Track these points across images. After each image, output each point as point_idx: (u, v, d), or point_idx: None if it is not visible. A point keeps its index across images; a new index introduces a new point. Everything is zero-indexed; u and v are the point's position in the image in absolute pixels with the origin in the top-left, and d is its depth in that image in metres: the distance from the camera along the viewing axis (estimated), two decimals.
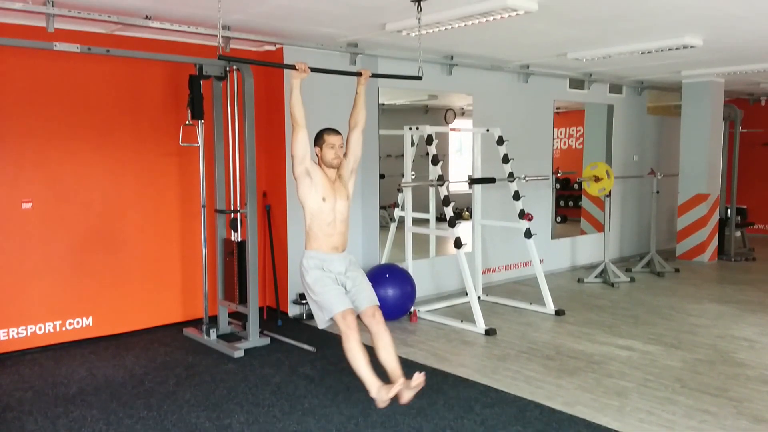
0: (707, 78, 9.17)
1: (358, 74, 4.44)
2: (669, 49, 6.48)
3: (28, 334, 5.42)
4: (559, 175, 8.91)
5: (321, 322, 4.08)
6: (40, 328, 5.47)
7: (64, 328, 5.58)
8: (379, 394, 3.73)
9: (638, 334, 5.87)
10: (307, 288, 4.09)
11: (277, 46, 6.25)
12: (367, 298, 4.08)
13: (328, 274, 4.05)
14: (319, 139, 4.14)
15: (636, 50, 6.61)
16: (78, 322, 5.65)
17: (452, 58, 7.23)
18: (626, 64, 7.91)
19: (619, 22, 5.56)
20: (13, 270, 5.33)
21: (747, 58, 7.67)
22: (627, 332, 5.93)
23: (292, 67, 4.00)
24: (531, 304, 6.84)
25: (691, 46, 6.31)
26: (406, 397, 3.75)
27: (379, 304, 4.13)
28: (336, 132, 4.14)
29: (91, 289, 5.69)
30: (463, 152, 10.37)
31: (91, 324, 5.71)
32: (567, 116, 10.56)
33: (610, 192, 8.21)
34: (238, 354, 5.30)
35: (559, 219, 10.32)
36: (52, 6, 4.72)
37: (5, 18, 5.00)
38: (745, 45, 6.71)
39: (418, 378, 3.75)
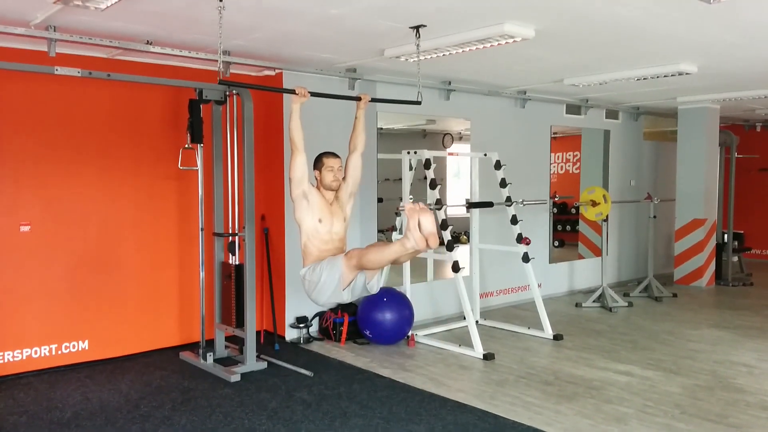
0: (703, 104, 9.24)
1: (358, 99, 4.48)
2: (664, 76, 6.53)
3: (24, 357, 5.39)
4: (556, 199, 8.95)
5: (345, 293, 3.94)
6: (35, 352, 5.44)
7: (59, 352, 5.55)
8: (413, 240, 3.50)
9: (637, 359, 5.85)
10: (314, 287, 3.99)
11: (277, 70, 6.30)
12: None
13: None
14: (318, 163, 4.19)
15: (632, 77, 6.67)
16: (74, 346, 5.62)
17: (450, 83, 7.29)
18: (622, 90, 7.97)
19: (615, 48, 5.62)
20: (10, 293, 5.31)
21: (742, 85, 7.73)
22: (625, 357, 5.91)
23: (292, 92, 4.04)
24: (529, 328, 6.82)
25: (687, 73, 6.36)
26: (427, 223, 3.48)
27: None
28: (335, 155, 4.20)
29: (87, 313, 5.67)
30: (461, 176, 10.43)
31: (87, 348, 5.68)
32: (564, 141, 10.63)
33: (607, 216, 8.22)
34: (235, 378, 5.27)
35: (556, 243, 10.33)
36: (54, 31, 4.76)
37: (7, 42, 5.04)
38: (740, 72, 6.77)
39: (419, 206, 3.54)
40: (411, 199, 3.56)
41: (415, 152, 6.60)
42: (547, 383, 5.20)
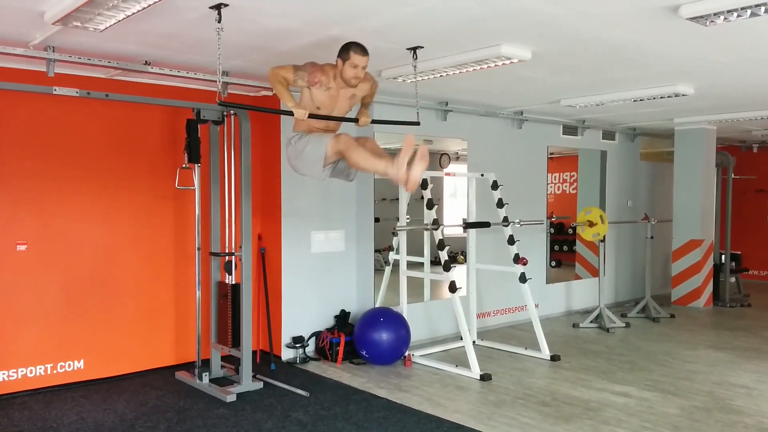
0: (699, 125, 9.29)
1: (356, 120, 4.52)
2: (661, 97, 6.57)
3: (19, 377, 5.36)
4: (553, 219, 8.96)
5: (324, 171, 3.96)
6: (31, 371, 5.41)
7: (55, 371, 5.52)
8: (396, 171, 3.56)
9: (634, 380, 5.83)
10: (297, 154, 4.04)
11: (274, 91, 6.32)
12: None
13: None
14: (345, 53, 4.04)
15: (628, 98, 6.71)
16: (69, 365, 5.59)
17: (447, 103, 7.32)
18: (619, 111, 8.02)
19: (611, 70, 5.66)
20: (6, 312, 5.29)
21: (738, 106, 7.78)
22: (623, 378, 5.89)
23: (291, 114, 4.08)
24: (526, 349, 6.80)
25: (683, 95, 6.41)
26: (416, 170, 3.56)
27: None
28: (365, 52, 4.03)
29: (83, 332, 5.64)
30: (458, 196, 10.42)
31: (82, 367, 5.65)
32: (561, 162, 10.65)
33: (604, 237, 8.23)
34: (231, 398, 5.24)
35: (553, 263, 10.32)
36: (53, 51, 4.79)
37: (6, 63, 5.07)
38: (736, 93, 6.82)
39: (421, 149, 3.55)
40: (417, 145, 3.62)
41: None
42: (544, 404, 5.17)
